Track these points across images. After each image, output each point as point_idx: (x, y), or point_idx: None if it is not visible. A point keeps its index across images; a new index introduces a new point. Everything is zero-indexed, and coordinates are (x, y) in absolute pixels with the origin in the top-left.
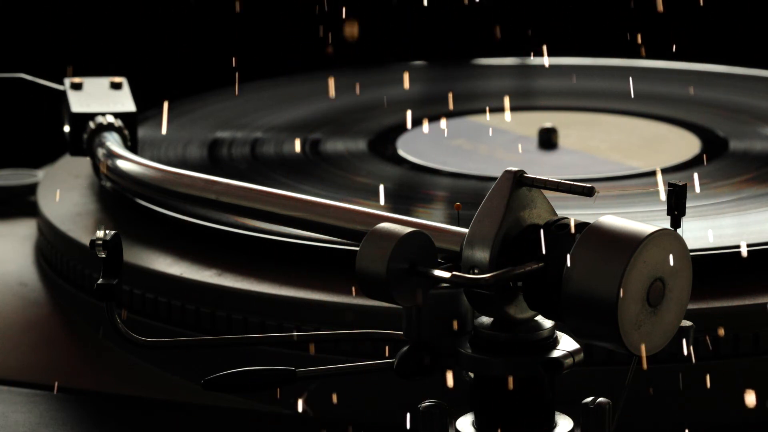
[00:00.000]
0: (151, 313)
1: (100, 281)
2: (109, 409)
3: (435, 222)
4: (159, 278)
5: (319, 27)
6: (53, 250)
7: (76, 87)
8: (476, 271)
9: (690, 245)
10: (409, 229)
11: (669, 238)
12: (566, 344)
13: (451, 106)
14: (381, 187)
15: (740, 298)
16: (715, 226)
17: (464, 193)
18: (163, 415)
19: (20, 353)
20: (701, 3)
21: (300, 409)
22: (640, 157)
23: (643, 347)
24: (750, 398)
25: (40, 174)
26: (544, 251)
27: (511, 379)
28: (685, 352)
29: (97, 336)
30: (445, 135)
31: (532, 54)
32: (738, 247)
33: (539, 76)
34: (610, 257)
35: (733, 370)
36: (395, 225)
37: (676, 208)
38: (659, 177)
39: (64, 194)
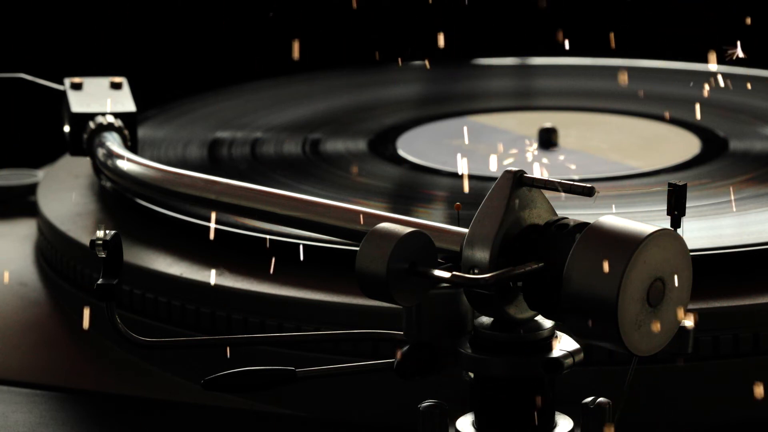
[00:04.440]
0: (151, 313)
1: (100, 281)
2: (109, 409)
3: (435, 222)
4: (159, 278)
5: (319, 27)
6: (53, 250)
7: (76, 87)
8: (476, 271)
9: (690, 245)
10: (409, 229)
11: (669, 238)
12: (566, 344)
13: (450, 107)
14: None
15: (740, 298)
16: (715, 226)
17: (464, 193)
18: (163, 415)
19: (20, 353)
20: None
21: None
22: (640, 157)
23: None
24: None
25: (40, 174)
26: (543, 251)
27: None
28: (686, 352)
29: (97, 336)
30: (445, 135)
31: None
32: (738, 247)
33: (539, 76)
34: (610, 257)
35: (733, 370)
36: (395, 225)
37: (676, 208)
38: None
39: (64, 194)
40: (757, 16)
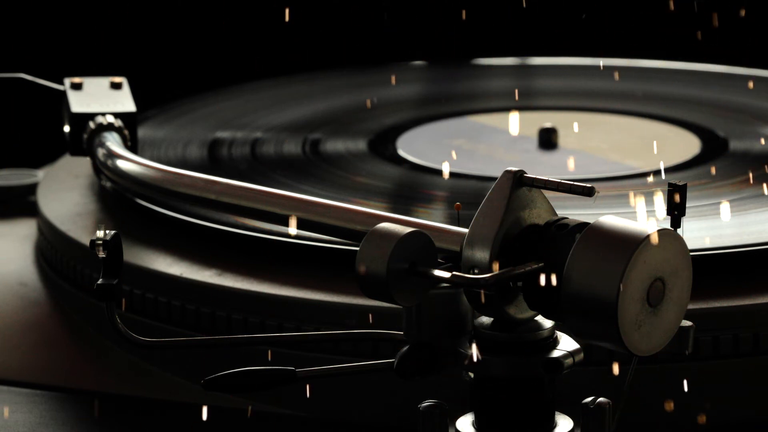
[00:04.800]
0: (151, 313)
1: (100, 281)
2: (109, 409)
3: (435, 222)
4: (159, 278)
5: (319, 27)
6: (53, 250)
7: (76, 87)
8: (476, 271)
9: (690, 245)
10: (409, 229)
11: (669, 238)
12: (566, 344)
13: (450, 107)
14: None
15: (740, 298)
16: (715, 226)
17: (464, 193)
18: (163, 415)
19: (20, 353)
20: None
21: None
22: (640, 157)
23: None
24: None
25: (40, 174)
26: (543, 251)
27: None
28: (686, 352)
29: (97, 336)
30: (445, 135)
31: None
32: (738, 247)
33: (539, 76)
34: (610, 257)
35: (733, 370)
36: (395, 225)
37: (676, 208)
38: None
39: (64, 194)
40: (757, 16)
